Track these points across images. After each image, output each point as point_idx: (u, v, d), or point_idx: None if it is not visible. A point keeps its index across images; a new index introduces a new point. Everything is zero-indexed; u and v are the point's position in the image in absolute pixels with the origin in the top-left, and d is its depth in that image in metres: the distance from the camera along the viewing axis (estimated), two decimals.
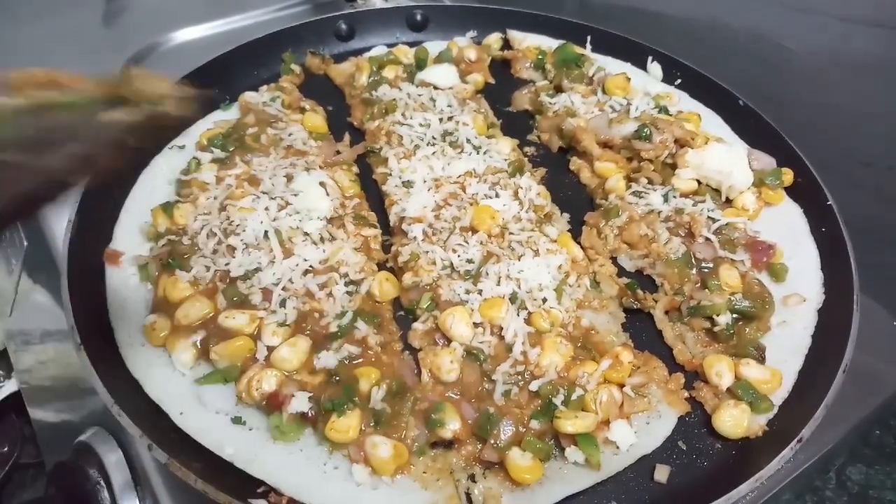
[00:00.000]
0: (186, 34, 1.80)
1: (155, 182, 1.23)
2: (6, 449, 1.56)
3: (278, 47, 1.53)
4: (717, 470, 0.94)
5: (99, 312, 1.04)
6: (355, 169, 1.29)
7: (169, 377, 0.97)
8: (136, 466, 1.02)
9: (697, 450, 0.96)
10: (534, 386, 0.95)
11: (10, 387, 1.52)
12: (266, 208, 1.14)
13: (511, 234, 1.14)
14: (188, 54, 1.60)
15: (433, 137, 1.30)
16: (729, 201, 1.25)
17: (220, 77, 1.44)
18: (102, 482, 1.03)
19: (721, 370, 1.01)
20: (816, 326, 1.09)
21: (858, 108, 1.60)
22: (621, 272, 1.17)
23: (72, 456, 1.09)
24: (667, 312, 1.11)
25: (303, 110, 1.37)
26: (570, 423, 0.90)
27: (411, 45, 1.58)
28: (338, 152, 1.31)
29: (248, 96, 1.38)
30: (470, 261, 1.10)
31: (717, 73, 1.54)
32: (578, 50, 1.52)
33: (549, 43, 1.57)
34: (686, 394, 1.00)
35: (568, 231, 1.21)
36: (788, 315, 1.10)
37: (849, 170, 1.65)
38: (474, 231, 1.14)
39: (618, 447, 0.92)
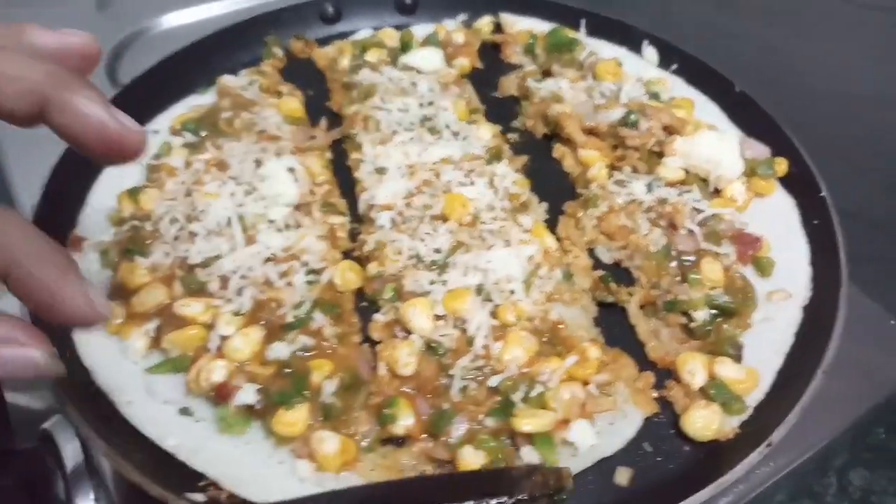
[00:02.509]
0: (181, 17, 1.77)
1: (125, 167, 1.21)
2: None
3: (262, 30, 1.50)
4: (683, 473, 0.89)
5: None
6: (328, 155, 1.26)
7: (120, 365, 0.95)
8: (92, 456, 1.00)
9: (664, 452, 0.91)
10: (493, 381, 0.91)
11: None
12: (232, 193, 1.12)
13: (483, 223, 1.09)
14: (177, 39, 1.57)
15: (411, 123, 1.26)
16: (718, 192, 1.20)
17: (201, 61, 1.41)
18: (58, 471, 1.01)
19: (694, 368, 0.96)
20: (801, 324, 1.03)
21: (870, 96, 1.53)
22: (598, 264, 1.12)
23: (34, 443, 1.08)
24: (642, 307, 1.06)
25: (280, 94, 1.34)
26: (527, 422, 0.86)
27: (400, 28, 1.53)
28: (313, 137, 1.28)
29: (227, 80, 1.35)
30: (438, 250, 1.06)
31: (721, 58, 1.48)
32: (571, 34, 1.47)
33: (542, 27, 1.52)
34: (656, 393, 0.95)
35: (546, 220, 1.17)
36: (772, 311, 1.04)
37: (859, 161, 1.58)
38: (445, 220, 1.10)
39: (577, 448, 0.87)
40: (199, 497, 0.81)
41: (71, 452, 1.02)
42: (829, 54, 1.57)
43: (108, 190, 1.16)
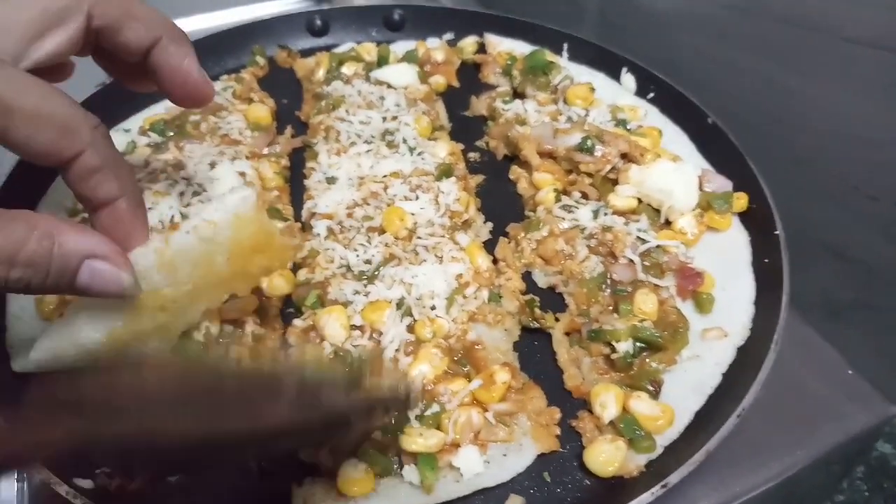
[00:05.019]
0: (197, 22, 1.83)
1: None
2: None
3: (250, 38, 1.54)
4: None
5: None
6: (284, 162, 1.28)
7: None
8: None
9: (563, 483, 0.89)
10: None
11: None
12: (181, 193, 1.14)
13: (419, 238, 1.09)
14: None
15: (371, 136, 1.27)
16: (669, 223, 1.16)
17: None
18: None
19: (606, 401, 0.93)
20: (731, 364, 0.99)
21: (866, 136, 1.48)
22: (533, 288, 1.10)
23: None
24: (568, 334, 1.03)
25: (250, 101, 1.37)
26: (415, 441, 0.85)
27: (387, 44, 1.55)
28: (276, 144, 1.30)
29: None
30: (368, 262, 1.06)
31: (718, 91, 1.44)
32: (550, 57, 1.46)
33: (524, 49, 1.51)
34: (558, 430, 0.92)
35: (489, 241, 1.16)
36: (703, 349, 1.01)
37: (856, 202, 1.53)
38: (382, 232, 1.10)
39: (461, 474, 0.85)
40: (86, 483, 0.83)
41: None
42: (827, 91, 1.52)
43: None
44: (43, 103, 0.67)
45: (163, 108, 1.37)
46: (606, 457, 0.88)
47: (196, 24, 1.80)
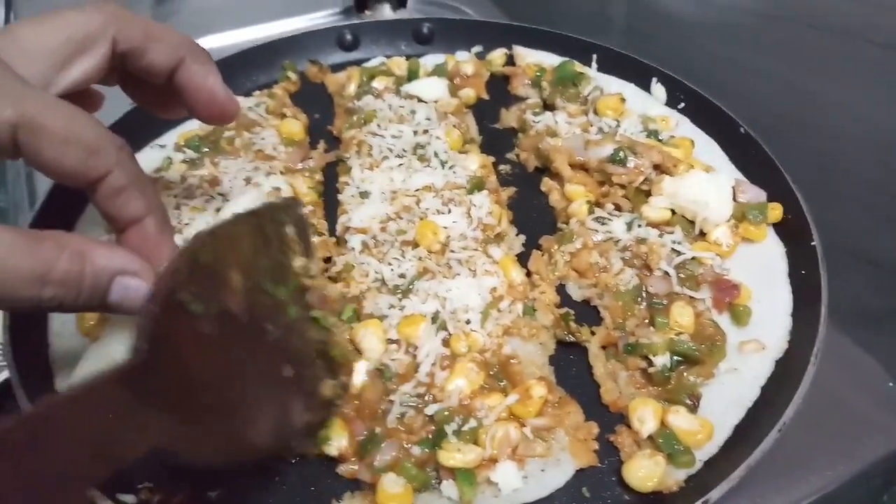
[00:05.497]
0: (212, 42, 1.85)
1: None
2: None
3: (282, 54, 1.56)
4: None
5: None
6: (319, 177, 1.29)
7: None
8: None
9: (602, 499, 0.88)
10: (430, 410, 0.90)
11: None
12: (218, 209, 1.16)
13: (452, 251, 1.10)
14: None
15: (403, 149, 1.28)
16: (703, 235, 1.16)
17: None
18: None
19: (644, 415, 0.92)
20: (770, 378, 0.98)
21: (891, 139, 1.46)
22: (567, 301, 1.10)
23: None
24: (604, 347, 1.03)
25: (283, 116, 1.38)
26: (452, 456, 0.85)
27: (416, 58, 1.56)
28: (309, 159, 1.32)
29: None
30: (402, 276, 1.06)
31: (744, 97, 1.43)
32: (579, 68, 1.46)
33: (553, 60, 1.51)
34: (596, 445, 0.92)
35: (522, 254, 1.16)
36: (741, 363, 1.00)
37: (888, 208, 1.51)
38: (416, 246, 1.11)
39: (499, 489, 0.85)
40: (129, 498, 0.84)
41: None
42: (858, 97, 1.50)
43: None
44: (71, 125, 0.68)
45: (196, 125, 1.39)
46: (646, 472, 0.87)
47: (226, 40, 1.82)
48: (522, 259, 1.14)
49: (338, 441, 0.88)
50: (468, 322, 1.00)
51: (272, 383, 0.79)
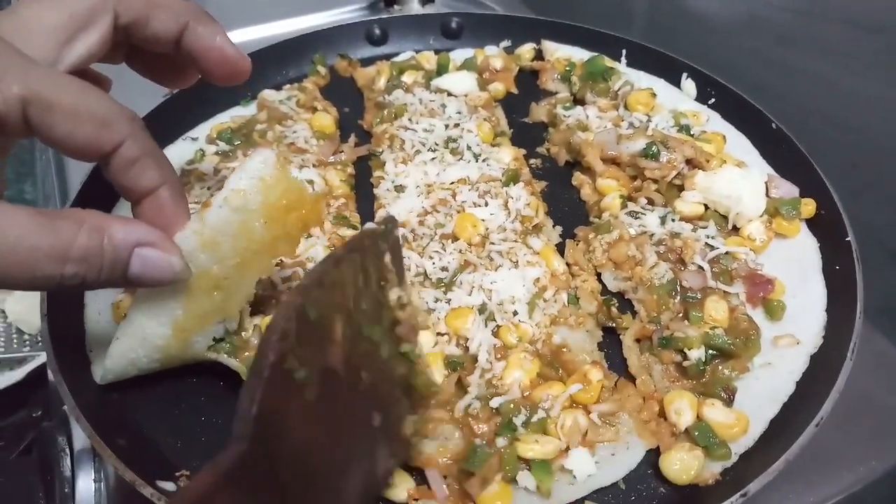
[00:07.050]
0: (240, 36, 1.87)
1: None
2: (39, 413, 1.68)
3: (311, 48, 1.57)
4: None
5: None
6: (350, 170, 1.30)
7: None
8: None
9: (637, 491, 0.89)
10: (495, 402, 0.91)
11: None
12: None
13: (492, 243, 1.10)
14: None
15: (435, 143, 1.29)
16: (736, 229, 1.16)
17: (251, 74, 1.49)
18: (67, 450, 1.08)
19: (681, 408, 0.93)
20: (805, 373, 0.98)
21: None
22: (604, 290, 1.11)
23: (54, 423, 1.16)
24: (638, 340, 1.04)
25: (314, 110, 1.39)
26: (531, 448, 0.86)
27: (444, 52, 1.57)
28: (340, 152, 1.33)
29: (267, 94, 1.42)
30: (445, 269, 1.07)
31: (776, 93, 1.43)
32: (609, 63, 1.46)
33: (582, 55, 1.52)
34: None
35: (558, 245, 1.16)
36: (775, 357, 1.00)
37: None
38: (455, 239, 1.11)
39: (574, 477, 0.86)
40: (168, 486, 0.85)
41: (80, 434, 1.09)
42: (889, 93, 1.49)
43: None
44: (81, 99, 0.68)
45: (227, 117, 1.41)
46: (682, 465, 0.88)
47: (256, 34, 1.84)
48: (558, 251, 1.15)
49: (404, 485, 0.86)
50: (515, 313, 1.01)
51: (363, 436, 0.72)
